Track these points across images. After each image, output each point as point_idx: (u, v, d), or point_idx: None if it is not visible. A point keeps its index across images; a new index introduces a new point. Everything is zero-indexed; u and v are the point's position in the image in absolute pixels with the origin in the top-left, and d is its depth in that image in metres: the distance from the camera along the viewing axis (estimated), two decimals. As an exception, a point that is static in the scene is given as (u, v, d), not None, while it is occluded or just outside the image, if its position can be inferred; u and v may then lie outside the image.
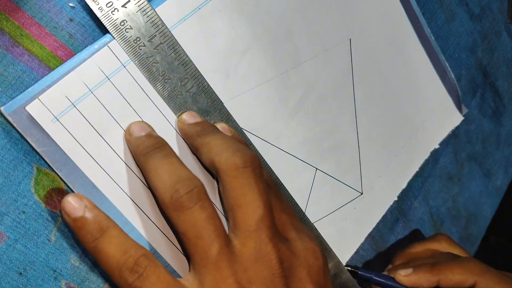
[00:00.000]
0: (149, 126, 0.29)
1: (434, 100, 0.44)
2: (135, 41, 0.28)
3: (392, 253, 0.43)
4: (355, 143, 0.39)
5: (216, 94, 0.31)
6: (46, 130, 0.26)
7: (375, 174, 0.40)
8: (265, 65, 0.33)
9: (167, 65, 0.29)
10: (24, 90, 0.25)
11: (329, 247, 0.37)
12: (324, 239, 0.37)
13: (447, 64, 0.44)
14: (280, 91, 0.34)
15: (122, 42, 0.27)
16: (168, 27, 0.29)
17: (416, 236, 0.46)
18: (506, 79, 0.52)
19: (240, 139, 0.31)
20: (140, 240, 0.28)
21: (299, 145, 0.35)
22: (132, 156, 0.28)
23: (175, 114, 0.30)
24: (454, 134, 0.48)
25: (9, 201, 0.26)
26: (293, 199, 0.35)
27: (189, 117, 0.29)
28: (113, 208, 0.28)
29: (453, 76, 0.44)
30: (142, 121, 0.29)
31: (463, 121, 0.46)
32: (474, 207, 0.52)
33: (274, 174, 0.33)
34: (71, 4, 0.27)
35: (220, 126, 0.31)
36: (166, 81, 0.29)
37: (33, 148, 0.26)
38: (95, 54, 0.27)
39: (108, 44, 0.27)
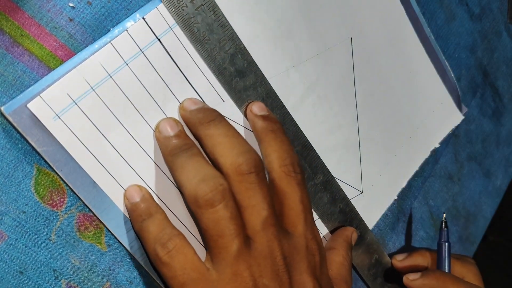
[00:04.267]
0: (178, 123, 0.29)
1: (434, 99, 0.44)
2: (178, 2, 0.28)
3: (392, 252, 0.43)
4: (356, 142, 0.39)
5: (251, 57, 0.31)
6: (47, 127, 0.26)
7: (375, 173, 0.40)
8: (265, 63, 0.33)
9: (207, 26, 0.29)
10: (24, 90, 0.25)
11: (355, 210, 0.38)
12: (350, 201, 0.38)
13: (447, 64, 0.44)
14: (281, 90, 0.34)
15: (166, 2, 0.28)
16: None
17: (416, 236, 0.46)
18: (506, 79, 0.53)
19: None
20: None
21: (299, 144, 0.35)
22: (162, 155, 0.29)
23: (214, 76, 0.30)
24: (454, 134, 0.48)
25: (9, 200, 0.26)
26: (320, 158, 0.36)
27: (190, 104, 0.29)
28: (113, 206, 0.28)
29: (453, 75, 0.44)
30: (171, 118, 0.29)
31: (463, 121, 0.46)
32: (473, 207, 0.52)
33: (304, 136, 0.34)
34: (71, 4, 0.27)
35: (258, 105, 0.31)
36: (206, 41, 0.29)
37: (33, 148, 0.26)
38: (96, 52, 0.27)
39: (112, 42, 0.27)
